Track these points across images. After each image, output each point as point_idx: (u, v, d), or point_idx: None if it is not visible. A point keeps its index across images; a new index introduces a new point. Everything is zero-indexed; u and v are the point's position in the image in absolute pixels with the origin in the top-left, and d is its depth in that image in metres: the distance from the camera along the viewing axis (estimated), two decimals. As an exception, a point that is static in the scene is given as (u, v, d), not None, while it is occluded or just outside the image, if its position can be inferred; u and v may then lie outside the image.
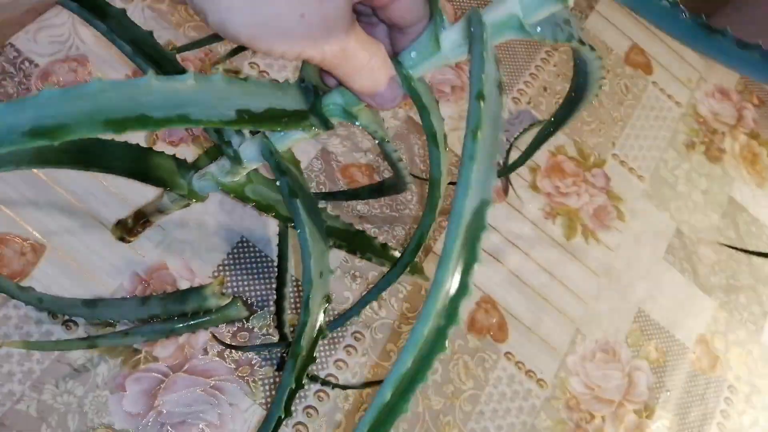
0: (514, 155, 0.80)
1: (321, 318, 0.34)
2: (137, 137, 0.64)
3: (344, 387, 0.64)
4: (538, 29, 0.29)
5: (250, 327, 0.63)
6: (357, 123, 0.34)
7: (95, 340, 0.55)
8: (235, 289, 0.63)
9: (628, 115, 0.89)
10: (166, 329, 0.55)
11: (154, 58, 0.38)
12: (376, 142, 0.40)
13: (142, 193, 0.62)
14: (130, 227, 0.55)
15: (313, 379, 0.63)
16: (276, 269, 0.64)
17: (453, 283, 0.23)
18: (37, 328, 0.57)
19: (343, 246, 0.48)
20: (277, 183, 0.34)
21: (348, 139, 0.74)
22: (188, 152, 0.66)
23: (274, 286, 0.64)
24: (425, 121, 0.34)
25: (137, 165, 0.40)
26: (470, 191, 0.24)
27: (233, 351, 0.61)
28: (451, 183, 0.47)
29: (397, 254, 0.53)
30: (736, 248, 0.82)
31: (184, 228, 0.63)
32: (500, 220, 0.76)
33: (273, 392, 0.61)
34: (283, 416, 0.34)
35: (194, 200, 0.43)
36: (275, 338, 0.63)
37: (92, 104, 0.24)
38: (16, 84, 0.63)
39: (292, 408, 0.59)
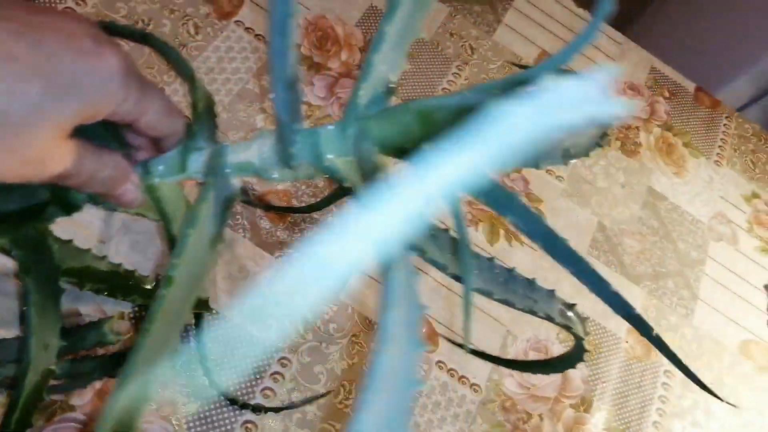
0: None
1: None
2: None
3: (272, 409, 0.63)
4: (274, 175, 0.33)
5: (170, 364, 0.62)
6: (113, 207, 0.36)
7: None
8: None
9: (542, 119, 0.92)
10: (66, 372, 0.54)
11: None
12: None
13: None
14: None
15: (244, 406, 0.63)
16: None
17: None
18: (-55, 390, 0.56)
19: (102, 289, 0.49)
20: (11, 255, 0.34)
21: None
22: (97, 196, 0.66)
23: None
24: (166, 228, 0.37)
25: None
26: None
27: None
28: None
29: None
30: None
31: (95, 272, 0.63)
32: (422, 232, 0.78)
33: (200, 430, 0.61)
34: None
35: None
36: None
37: None
38: None
39: (229, 428, 0.58)
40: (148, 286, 0.54)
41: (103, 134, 0.33)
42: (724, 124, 1.05)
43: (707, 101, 1.06)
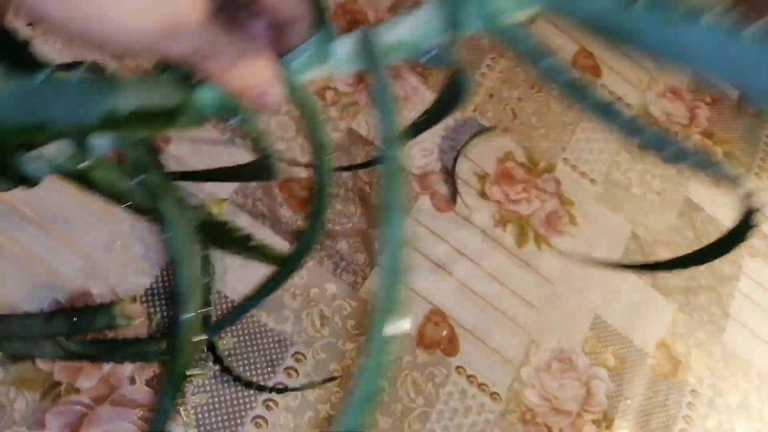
0: (463, 165, 0.78)
1: (197, 318, 0.33)
2: None
3: (290, 389, 0.61)
4: (432, 53, 0.29)
5: (182, 352, 0.60)
6: (234, 119, 0.32)
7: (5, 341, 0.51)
8: (164, 314, 0.60)
9: (577, 120, 0.88)
10: (76, 352, 0.52)
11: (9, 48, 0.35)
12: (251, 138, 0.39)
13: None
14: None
15: (260, 388, 0.60)
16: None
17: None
18: (-50, 365, 0.54)
19: (218, 243, 0.46)
20: (135, 181, 0.32)
21: (287, 153, 0.72)
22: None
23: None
24: (311, 129, 0.33)
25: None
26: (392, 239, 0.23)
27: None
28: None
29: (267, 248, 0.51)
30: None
31: (109, 252, 0.61)
32: (448, 230, 0.74)
33: (208, 420, 0.58)
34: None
35: (25, 186, 0.39)
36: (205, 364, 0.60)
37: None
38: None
39: (239, 421, 0.56)
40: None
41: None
42: (767, 135, 1.00)
43: (750, 110, 1.01)
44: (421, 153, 0.77)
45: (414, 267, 0.72)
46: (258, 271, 0.38)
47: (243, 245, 0.46)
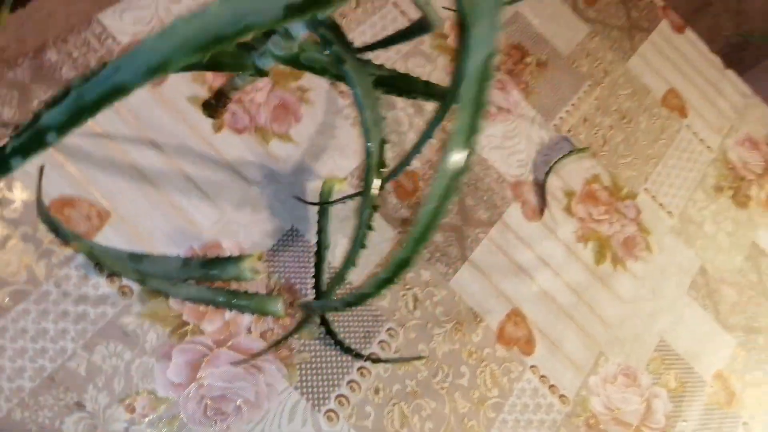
0: (553, 181, 0.83)
1: (380, 158, 0.42)
2: (206, 121, 0.68)
3: (384, 360, 0.66)
4: None
5: (293, 313, 0.65)
6: None
7: (146, 277, 0.57)
8: (281, 274, 0.66)
9: (661, 154, 0.93)
10: (206, 297, 0.57)
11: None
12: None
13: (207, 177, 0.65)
14: (214, 106, 0.66)
15: (357, 356, 0.65)
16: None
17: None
18: (94, 291, 0.59)
19: (392, 91, 0.53)
20: (326, 52, 0.38)
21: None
22: (252, 140, 0.70)
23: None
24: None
25: (212, 59, 0.45)
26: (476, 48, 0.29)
27: (275, 332, 0.64)
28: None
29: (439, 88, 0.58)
30: None
31: (240, 212, 0.66)
32: (535, 239, 0.79)
33: (308, 377, 0.63)
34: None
35: (260, 76, 0.50)
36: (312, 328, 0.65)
37: (180, 39, 0.28)
38: (98, 59, 0.67)
39: (336, 382, 0.61)
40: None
41: None
42: (835, 195, 1.04)
43: (822, 169, 1.05)
44: (517, 163, 0.82)
45: (501, 267, 0.76)
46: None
47: (410, 88, 0.53)
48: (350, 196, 0.66)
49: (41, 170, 0.55)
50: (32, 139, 0.29)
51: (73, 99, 0.28)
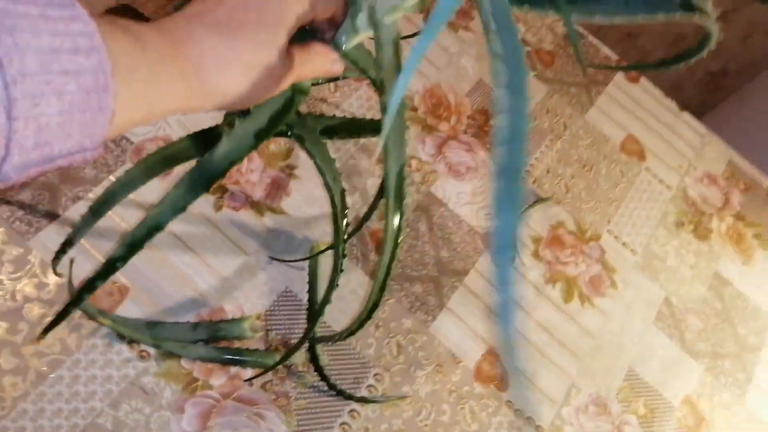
0: (521, 229, 0.92)
1: (342, 204, 0.55)
2: (205, 204, 0.79)
3: (372, 401, 0.74)
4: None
5: (290, 364, 0.74)
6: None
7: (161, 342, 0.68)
8: (278, 331, 0.75)
9: (622, 197, 1.02)
10: (213, 356, 0.67)
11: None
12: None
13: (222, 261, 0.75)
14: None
15: (349, 397, 0.74)
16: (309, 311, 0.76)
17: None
18: (117, 356, 0.70)
19: (342, 136, 0.65)
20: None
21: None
22: (249, 215, 0.80)
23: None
24: (368, 76, 0.48)
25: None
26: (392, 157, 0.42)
27: (274, 383, 0.73)
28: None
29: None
30: None
31: (240, 279, 0.77)
32: (506, 284, 0.88)
33: (305, 422, 0.72)
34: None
35: None
36: (304, 378, 0.74)
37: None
38: (114, 157, 0.79)
39: (329, 425, 0.69)
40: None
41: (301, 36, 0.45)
42: (796, 222, 1.11)
43: (781, 198, 1.13)
44: (486, 216, 0.92)
45: (475, 312, 0.85)
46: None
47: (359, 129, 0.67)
48: (324, 250, 0.77)
49: (71, 262, 0.66)
50: (107, 268, 0.47)
51: (129, 239, 0.44)
